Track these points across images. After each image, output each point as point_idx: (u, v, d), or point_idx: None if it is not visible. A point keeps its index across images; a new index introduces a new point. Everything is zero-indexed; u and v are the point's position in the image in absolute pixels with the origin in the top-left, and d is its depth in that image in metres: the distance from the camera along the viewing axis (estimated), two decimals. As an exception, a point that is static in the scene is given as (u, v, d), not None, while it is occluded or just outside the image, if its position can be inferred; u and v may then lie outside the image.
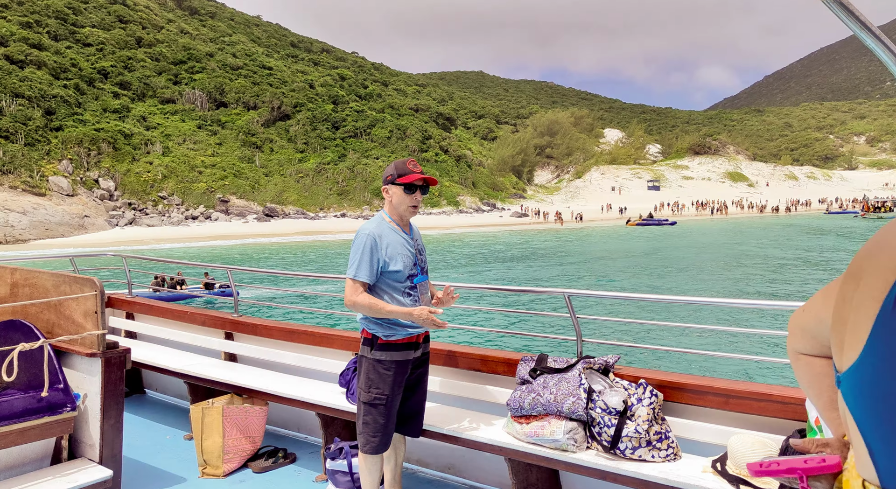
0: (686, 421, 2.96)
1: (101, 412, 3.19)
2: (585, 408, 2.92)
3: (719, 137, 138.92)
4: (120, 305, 5.93)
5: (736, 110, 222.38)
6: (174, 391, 5.48)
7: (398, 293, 3.01)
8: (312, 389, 4.00)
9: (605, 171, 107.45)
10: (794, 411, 2.68)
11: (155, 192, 60.48)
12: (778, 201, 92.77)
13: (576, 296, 3.36)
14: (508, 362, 3.46)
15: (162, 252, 37.69)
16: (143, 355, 4.90)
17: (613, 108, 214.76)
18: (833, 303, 0.81)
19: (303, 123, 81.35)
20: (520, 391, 3.12)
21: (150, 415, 5.09)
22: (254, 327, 4.80)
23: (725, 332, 13.53)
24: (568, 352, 3.98)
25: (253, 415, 4.12)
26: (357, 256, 2.96)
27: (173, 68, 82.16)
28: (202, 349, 5.08)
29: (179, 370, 4.57)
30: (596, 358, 3.15)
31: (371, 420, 3.02)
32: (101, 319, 3.21)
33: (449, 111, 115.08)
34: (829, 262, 29.07)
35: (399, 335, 3.02)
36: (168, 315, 5.49)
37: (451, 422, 3.37)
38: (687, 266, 28.94)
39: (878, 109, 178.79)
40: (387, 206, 3.11)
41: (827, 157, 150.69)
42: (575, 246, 41.89)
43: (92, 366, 3.24)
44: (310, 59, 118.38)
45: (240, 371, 4.54)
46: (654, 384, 3.00)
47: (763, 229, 54.61)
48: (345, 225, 60.56)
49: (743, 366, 10.67)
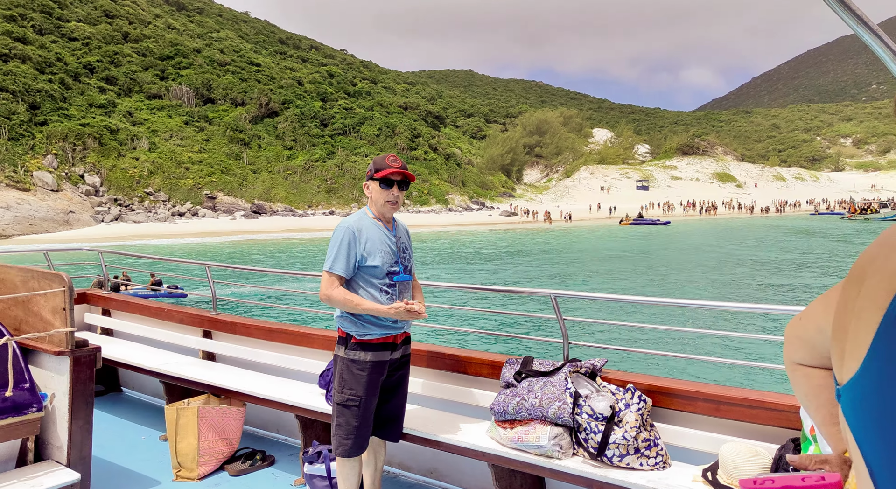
0: (675, 427, 2.86)
1: (70, 413, 3.07)
2: (571, 414, 2.81)
3: (708, 138, 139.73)
4: (96, 301, 5.78)
5: (724, 111, 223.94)
6: (151, 390, 5.35)
7: (374, 289, 2.92)
8: (292, 390, 3.90)
9: (594, 171, 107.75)
10: (788, 419, 2.58)
11: (141, 188, 59.84)
12: (767, 202, 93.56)
13: (562, 297, 3.25)
14: (493, 364, 3.36)
15: (148, 249, 37.27)
16: (119, 353, 4.77)
17: (602, 107, 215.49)
18: (833, 310, 0.77)
19: (291, 120, 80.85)
20: (504, 395, 3.01)
21: (126, 414, 4.96)
22: (233, 325, 4.69)
23: (717, 336, 13.37)
24: (554, 354, 3.87)
25: (230, 417, 4.00)
26: (334, 250, 2.88)
27: (160, 64, 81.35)
28: (179, 347, 4.96)
29: (155, 369, 4.45)
30: (583, 361, 3.04)
31: (344, 422, 2.93)
32: (70, 316, 3.09)
33: (438, 109, 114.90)
34: (818, 264, 29.27)
35: (374, 335, 2.91)
36: (145, 312, 5.36)
37: (432, 425, 3.27)
38: (681, 266, 29.01)
39: (864, 112, 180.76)
40: (369, 202, 3.05)
41: (814, 158, 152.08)
42: (566, 244, 41.91)
43: (60, 364, 3.12)
44: (298, 56, 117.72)
45: (218, 370, 4.43)
46: (642, 389, 2.90)
47: (754, 230, 54.96)
48: (333, 222, 60.24)
49: (735, 371, 10.48)
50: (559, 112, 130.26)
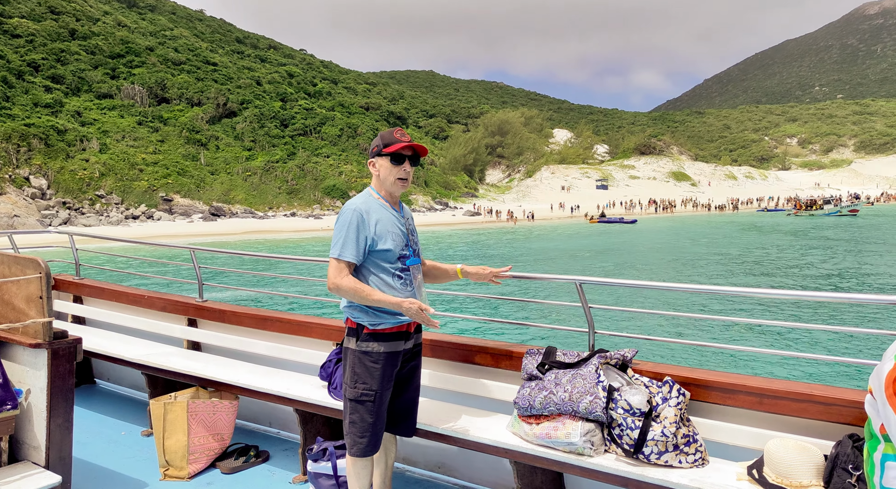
0: (714, 422, 2.69)
1: (48, 410, 2.80)
2: (605, 409, 2.61)
3: (663, 138, 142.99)
4: (66, 287, 5.39)
5: (678, 112, 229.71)
6: (129, 382, 5.02)
7: (387, 275, 2.69)
8: (289, 382, 3.63)
9: (555, 171, 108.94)
10: (840, 414, 2.43)
11: (92, 191, 57.61)
12: (721, 200, 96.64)
13: (588, 283, 3.05)
14: (511, 355, 3.14)
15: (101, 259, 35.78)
16: (94, 343, 4.42)
17: (562, 108, 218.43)
18: None
19: (250, 121, 79.20)
20: (528, 388, 2.79)
21: (102, 408, 4.61)
22: (221, 313, 4.39)
23: (749, 326, 12.81)
24: (575, 345, 3.67)
25: (222, 411, 3.73)
26: (342, 234, 2.62)
27: (110, 62, 78.60)
28: (161, 337, 4.64)
29: (136, 360, 4.13)
30: (611, 352, 2.84)
31: (358, 418, 2.70)
32: (48, 305, 2.82)
33: (400, 110, 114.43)
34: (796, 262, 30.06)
35: (387, 323, 2.68)
36: (122, 299, 5.00)
37: (446, 420, 3.05)
38: (687, 259, 29.41)
39: (808, 113, 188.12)
40: (374, 181, 2.81)
41: (763, 157, 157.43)
42: (542, 245, 42.11)
43: (36, 358, 2.84)
44: (256, 55, 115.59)
45: (205, 361, 4.12)
46: (678, 381, 2.73)
47: (719, 227, 56.37)
48: (295, 224, 59.25)
49: (774, 363, 10.07)
50: (520, 113, 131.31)
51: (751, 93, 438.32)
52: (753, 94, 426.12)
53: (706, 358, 10.56)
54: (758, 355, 10.32)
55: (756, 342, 11.80)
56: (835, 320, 13.39)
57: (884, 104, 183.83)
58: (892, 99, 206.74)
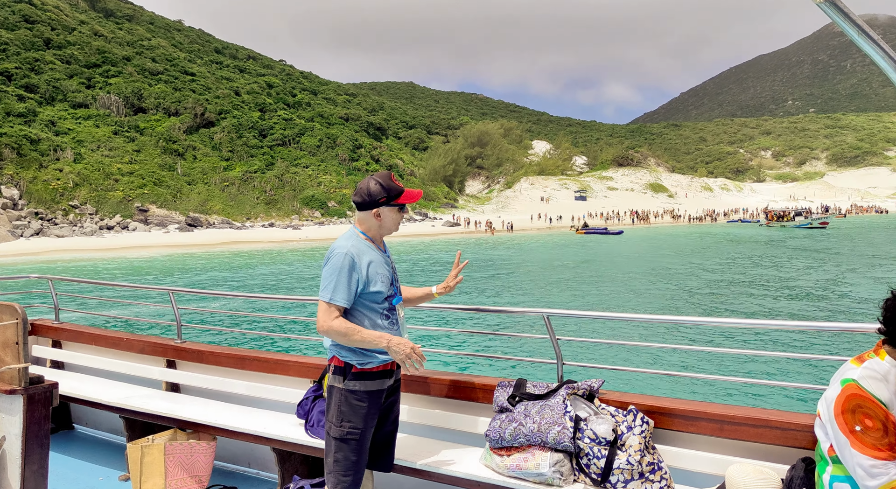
0: (677, 449, 2.77)
1: (23, 457, 2.79)
2: (572, 438, 2.66)
3: (641, 150, 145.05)
4: (45, 332, 5.32)
5: (656, 124, 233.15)
6: (107, 426, 4.97)
7: (376, 315, 2.73)
8: (267, 421, 3.64)
9: (534, 182, 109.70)
10: (796, 438, 2.52)
11: (65, 201, 56.62)
12: (697, 211, 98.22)
13: (555, 316, 3.11)
14: (484, 388, 3.19)
15: (81, 268, 35.19)
16: (72, 387, 4.39)
17: (541, 120, 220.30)
18: None
19: (228, 131, 78.58)
20: (499, 420, 2.83)
21: (79, 454, 4.57)
22: (199, 354, 4.38)
23: (714, 354, 12.89)
24: (544, 376, 3.71)
25: (199, 452, 3.71)
26: (333, 277, 2.63)
27: (86, 71, 77.56)
28: (140, 379, 4.62)
29: (114, 403, 4.10)
30: (579, 382, 2.89)
31: (342, 457, 2.70)
32: (24, 351, 2.83)
33: (380, 121, 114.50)
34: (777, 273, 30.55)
35: (375, 362, 2.72)
36: (101, 342, 4.97)
37: (422, 454, 3.08)
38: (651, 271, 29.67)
39: (781, 126, 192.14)
40: (362, 224, 2.78)
41: (738, 169, 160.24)
42: (521, 257, 42.27)
43: (12, 404, 2.83)
44: (235, 65, 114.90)
45: (184, 403, 4.12)
46: (642, 410, 2.81)
47: (702, 237, 57.13)
48: (273, 235, 58.79)
49: (736, 389, 10.25)
50: (500, 124, 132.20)
51: (726, 106, 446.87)
52: (728, 108, 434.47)
53: (675, 385, 10.71)
54: (718, 381, 10.52)
55: (717, 368, 12.05)
56: (791, 347, 13.68)
57: (854, 118, 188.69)
58: (861, 113, 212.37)
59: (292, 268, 33.79)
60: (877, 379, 2.08)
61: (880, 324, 2.16)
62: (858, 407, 2.05)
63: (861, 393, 2.05)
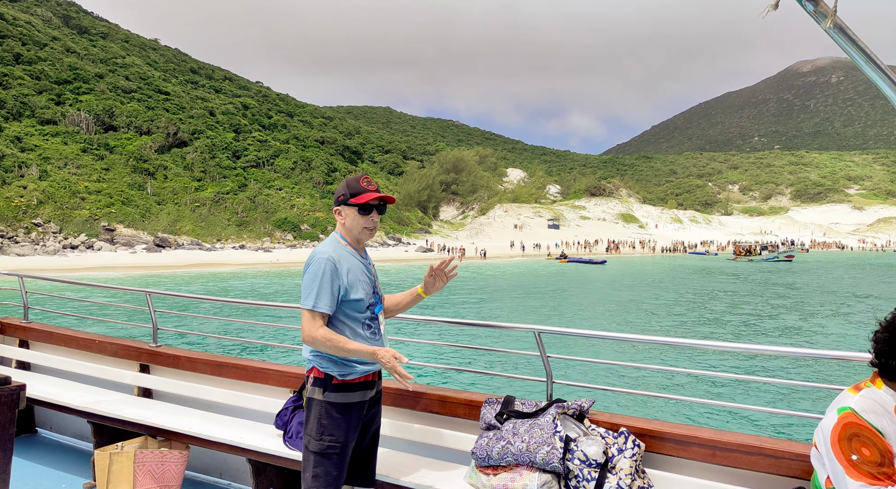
0: (668, 474, 2.67)
1: None
2: (562, 459, 2.52)
3: (613, 180, 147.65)
4: (12, 331, 5.11)
5: (628, 155, 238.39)
6: (73, 431, 4.74)
7: (358, 325, 2.62)
8: (242, 431, 3.49)
9: (508, 209, 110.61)
10: (788, 467, 2.45)
11: (28, 219, 55.04)
12: (666, 242, 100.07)
13: (546, 333, 2.98)
14: (471, 404, 3.09)
15: (43, 286, 33.88)
16: (38, 390, 4.19)
17: (516, 148, 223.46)
18: None
19: (201, 151, 77.76)
20: (486, 438, 2.71)
21: (43, 459, 4.33)
22: (175, 359, 4.22)
23: (709, 378, 12.86)
24: (532, 394, 3.55)
25: (170, 462, 3.55)
26: (315, 284, 2.52)
27: (56, 88, 76.32)
28: (111, 383, 4.43)
29: (82, 408, 3.92)
30: (569, 401, 2.75)
31: (322, 472, 2.57)
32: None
33: (356, 145, 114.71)
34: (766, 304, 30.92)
35: (357, 373, 2.60)
36: (71, 343, 4.77)
37: (405, 470, 2.96)
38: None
39: (748, 161, 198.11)
40: (339, 228, 2.72)
41: (706, 202, 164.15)
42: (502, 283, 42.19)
43: None
44: (211, 86, 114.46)
45: (156, 409, 3.95)
46: (633, 432, 2.72)
47: (675, 269, 57.89)
48: (243, 257, 57.86)
49: (729, 415, 10.15)
50: (475, 151, 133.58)
51: (695, 140, 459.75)
52: (697, 142, 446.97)
53: (665, 407, 10.57)
54: (712, 406, 10.42)
55: (710, 393, 11.95)
56: (786, 373, 13.71)
57: (816, 156, 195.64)
58: (823, 152, 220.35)
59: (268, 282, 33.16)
60: (874, 408, 2.08)
61: (873, 357, 2.15)
62: (855, 435, 2.04)
63: (858, 421, 2.04)
